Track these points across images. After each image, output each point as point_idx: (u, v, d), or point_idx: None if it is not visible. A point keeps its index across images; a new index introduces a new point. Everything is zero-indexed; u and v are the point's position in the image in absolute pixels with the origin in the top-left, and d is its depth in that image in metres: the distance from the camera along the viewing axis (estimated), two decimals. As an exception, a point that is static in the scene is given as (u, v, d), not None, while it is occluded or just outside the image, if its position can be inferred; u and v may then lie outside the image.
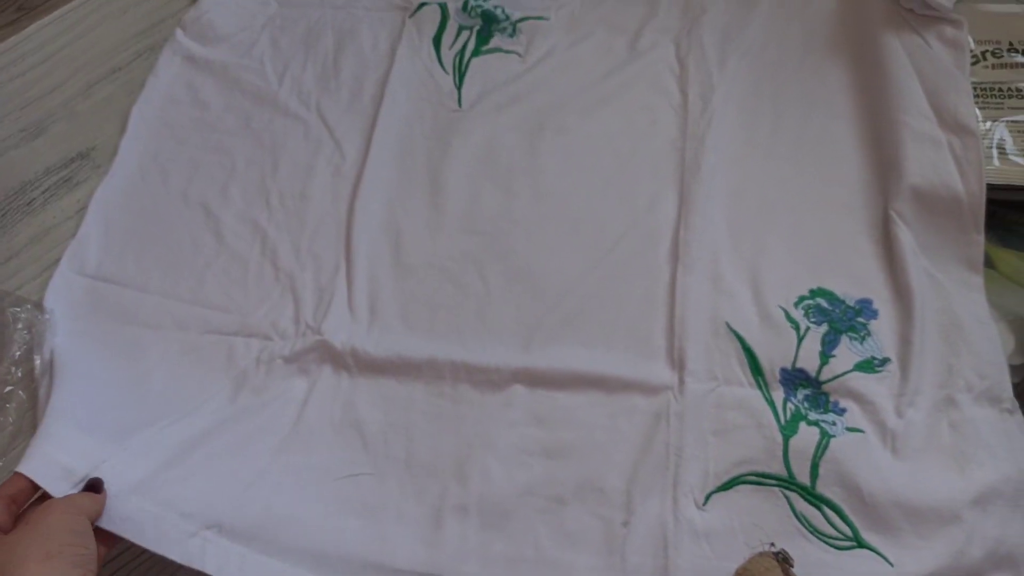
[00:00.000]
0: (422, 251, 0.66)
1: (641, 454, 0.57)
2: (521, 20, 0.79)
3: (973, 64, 0.68)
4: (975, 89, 0.67)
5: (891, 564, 0.53)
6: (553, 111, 0.72)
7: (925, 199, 0.63)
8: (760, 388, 0.59)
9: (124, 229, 0.70)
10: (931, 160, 0.64)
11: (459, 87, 0.75)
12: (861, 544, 0.54)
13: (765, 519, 0.55)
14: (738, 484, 0.56)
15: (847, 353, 0.60)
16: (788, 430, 0.57)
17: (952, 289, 0.61)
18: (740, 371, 0.59)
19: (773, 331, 0.61)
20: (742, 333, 0.61)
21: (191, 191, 0.72)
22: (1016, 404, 0.57)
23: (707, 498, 0.55)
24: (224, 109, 0.76)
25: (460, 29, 0.79)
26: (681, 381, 0.59)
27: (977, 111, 0.66)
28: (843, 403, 0.58)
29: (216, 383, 0.61)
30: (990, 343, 0.59)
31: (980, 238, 0.63)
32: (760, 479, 0.56)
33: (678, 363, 0.60)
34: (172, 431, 0.57)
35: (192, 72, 0.79)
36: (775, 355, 0.60)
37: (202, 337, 0.64)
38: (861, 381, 0.59)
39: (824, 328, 0.61)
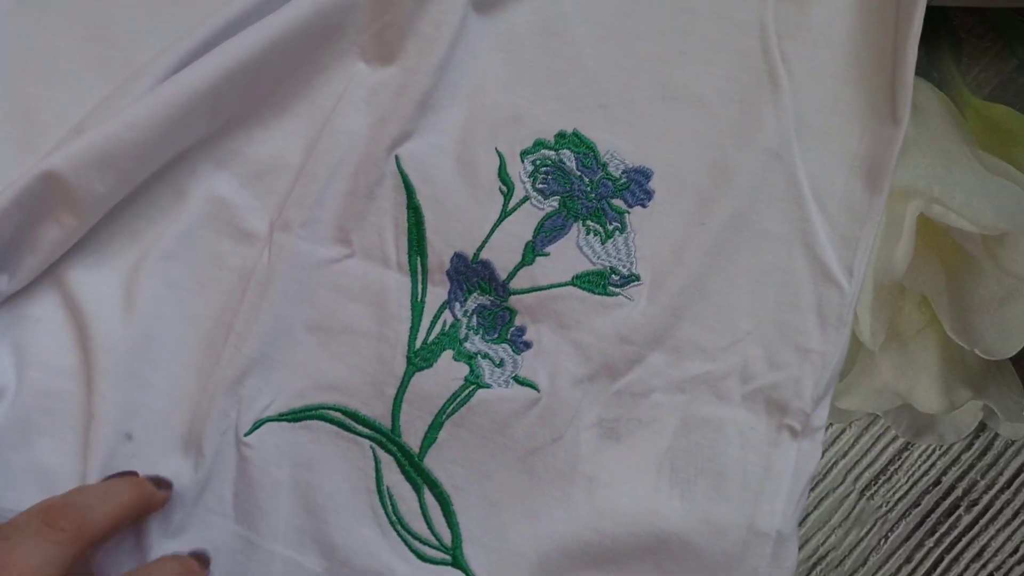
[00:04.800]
0: None
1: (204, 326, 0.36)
2: None
3: None
4: None
5: None
6: None
7: None
8: (412, 275, 0.37)
9: None
10: None
11: None
12: (457, 562, 0.36)
13: (331, 483, 0.36)
14: (311, 418, 0.36)
15: (571, 254, 0.37)
16: (420, 359, 0.36)
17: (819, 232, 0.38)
18: (391, 242, 0.37)
19: (469, 189, 0.37)
20: (415, 181, 0.37)
21: None
22: (812, 427, 0.37)
23: (255, 426, 0.36)
24: None
25: None
26: (286, 227, 0.36)
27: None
28: (531, 334, 0.37)
29: None
30: (819, 317, 0.37)
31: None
32: (347, 420, 0.36)
33: (294, 203, 0.36)
34: None
35: None
36: (456, 230, 0.37)
37: None
38: (574, 304, 0.37)
39: (553, 204, 0.37)
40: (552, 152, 0.37)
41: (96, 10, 0.38)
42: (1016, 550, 0.43)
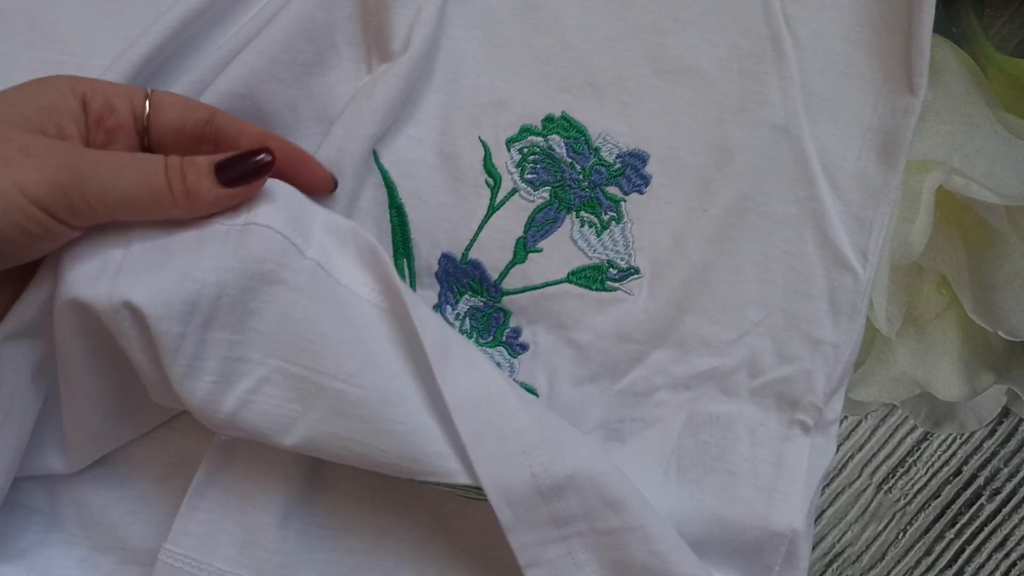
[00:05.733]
0: None
1: None
2: None
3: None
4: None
5: None
6: None
7: None
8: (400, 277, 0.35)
9: None
10: None
11: None
12: None
13: None
14: None
15: (565, 248, 0.35)
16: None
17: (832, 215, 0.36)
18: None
19: (453, 184, 0.35)
20: (395, 177, 0.34)
21: None
22: (825, 421, 0.35)
23: None
24: None
25: None
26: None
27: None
28: (527, 335, 0.35)
29: None
30: (832, 305, 0.36)
31: None
32: None
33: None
34: None
35: None
36: (442, 228, 0.35)
37: None
38: (571, 302, 0.35)
39: (543, 195, 0.35)
40: (540, 138, 0.35)
41: (36, 15, 0.36)
42: (1042, 538, 0.42)
